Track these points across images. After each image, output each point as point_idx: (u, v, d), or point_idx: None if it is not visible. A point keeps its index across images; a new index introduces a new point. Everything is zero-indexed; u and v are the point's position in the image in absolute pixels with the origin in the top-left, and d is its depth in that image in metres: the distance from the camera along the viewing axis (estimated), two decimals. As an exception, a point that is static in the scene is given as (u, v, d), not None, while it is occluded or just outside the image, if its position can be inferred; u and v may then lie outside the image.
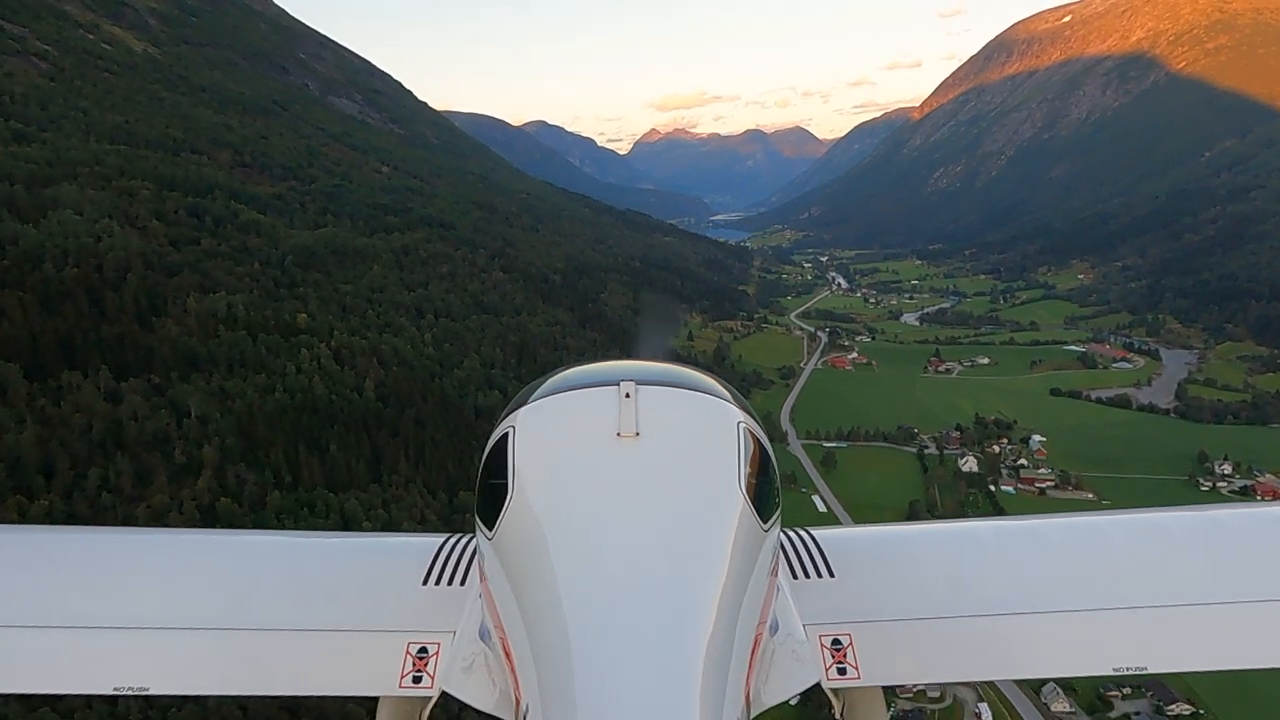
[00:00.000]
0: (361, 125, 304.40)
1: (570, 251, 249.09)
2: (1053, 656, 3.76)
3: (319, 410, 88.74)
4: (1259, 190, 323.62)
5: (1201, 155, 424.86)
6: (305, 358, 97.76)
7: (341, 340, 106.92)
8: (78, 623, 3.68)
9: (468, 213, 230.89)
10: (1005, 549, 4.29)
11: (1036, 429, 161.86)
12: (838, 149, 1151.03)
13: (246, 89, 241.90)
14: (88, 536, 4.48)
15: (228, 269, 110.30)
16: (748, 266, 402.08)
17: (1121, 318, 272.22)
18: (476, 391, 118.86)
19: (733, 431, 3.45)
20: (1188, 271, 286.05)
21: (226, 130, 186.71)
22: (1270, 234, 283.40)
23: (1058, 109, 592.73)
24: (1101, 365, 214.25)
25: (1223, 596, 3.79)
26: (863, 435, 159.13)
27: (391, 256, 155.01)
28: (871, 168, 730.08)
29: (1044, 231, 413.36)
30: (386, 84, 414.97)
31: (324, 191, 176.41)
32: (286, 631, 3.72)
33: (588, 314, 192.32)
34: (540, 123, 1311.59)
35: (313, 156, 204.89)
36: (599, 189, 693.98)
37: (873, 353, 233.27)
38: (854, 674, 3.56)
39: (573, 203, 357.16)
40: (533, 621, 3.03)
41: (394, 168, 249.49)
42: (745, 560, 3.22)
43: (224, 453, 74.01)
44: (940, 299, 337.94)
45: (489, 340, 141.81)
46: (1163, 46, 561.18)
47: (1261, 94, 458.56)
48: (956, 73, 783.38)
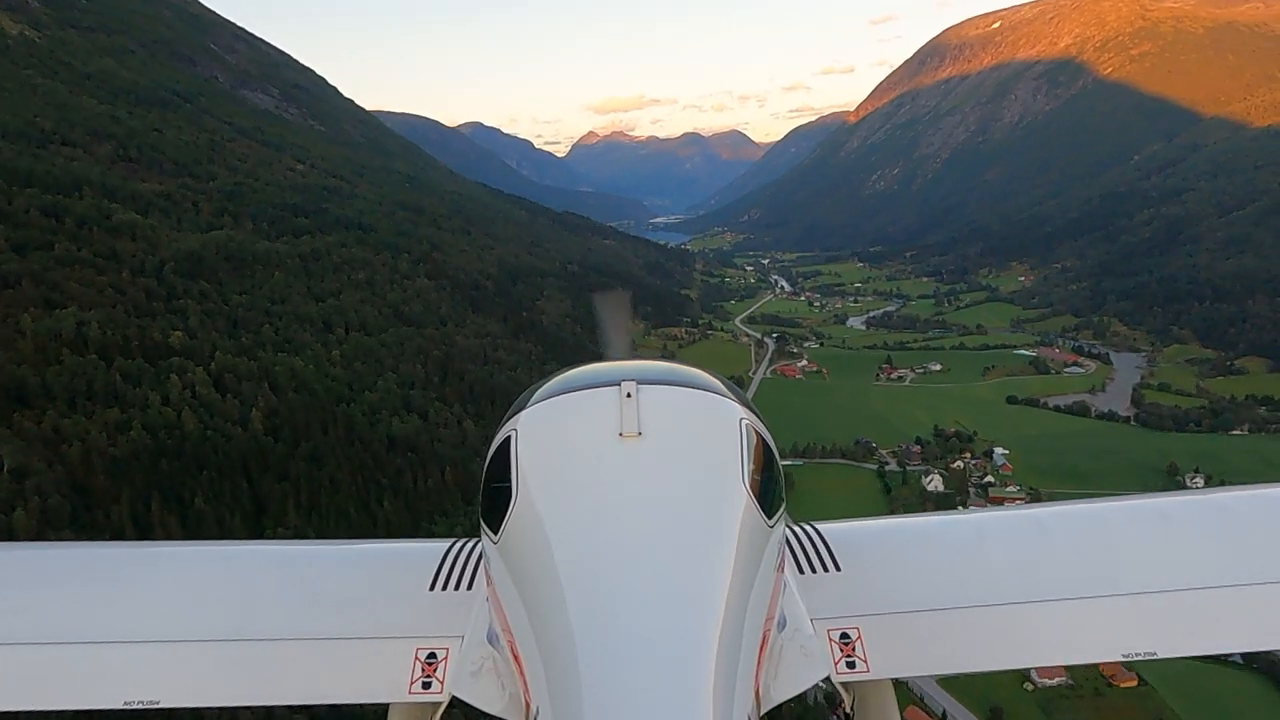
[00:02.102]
0: (277, 121, 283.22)
1: (504, 256, 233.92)
2: (1061, 644, 3.77)
3: (186, 451, 72.84)
4: (1190, 193, 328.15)
5: (1131, 158, 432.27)
6: (175, 385, 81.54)
7: (225, 362, 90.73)
8: (87, 638, 3.69)
9: (391, 214, 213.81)
10: (1010, 539, 4.33)
11: (998, 441, 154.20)
12: (775, 152, 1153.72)
13: (143, 78, 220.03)
14: (91, 551, 4.52)
15: (86, 279, 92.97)
16: (690, 270, 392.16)
17: (1066, 320, 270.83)
18: (391, 417, 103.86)
19: (735, 428, 3.46)
20: (1127, 273, 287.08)
21: (112, 121, 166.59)
22: (1204, 236, 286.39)
23: (990, 112, 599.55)
24: (1054, 370, 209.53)
25: (1229, 579, 3.79)
26: (819, 451, 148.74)
27: (298, 262, 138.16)
28: (809, 170, 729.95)
29: (982, 233, 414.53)
30: (308, 79, 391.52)
31: (223, 190, 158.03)
32: (296, 640, 3.72)
33: (521, 323, 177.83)
34: (476, 124, 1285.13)
35: (214, 152, 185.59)
36: (537, 191, 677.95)
37: (822, 360, 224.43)
38: (863, 667, 3.57)
39: (507, 204, 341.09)
40: (540, 624, 3.04)
41: (310, 165, 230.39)
42: (751, 556, 3.24)
43: (45, 517, 57.76)
44: (885, 302, 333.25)
45: (409, 356, 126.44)
46: (1090, 52, 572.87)
47: (1184, 99, 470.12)
48: (891, 76, 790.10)
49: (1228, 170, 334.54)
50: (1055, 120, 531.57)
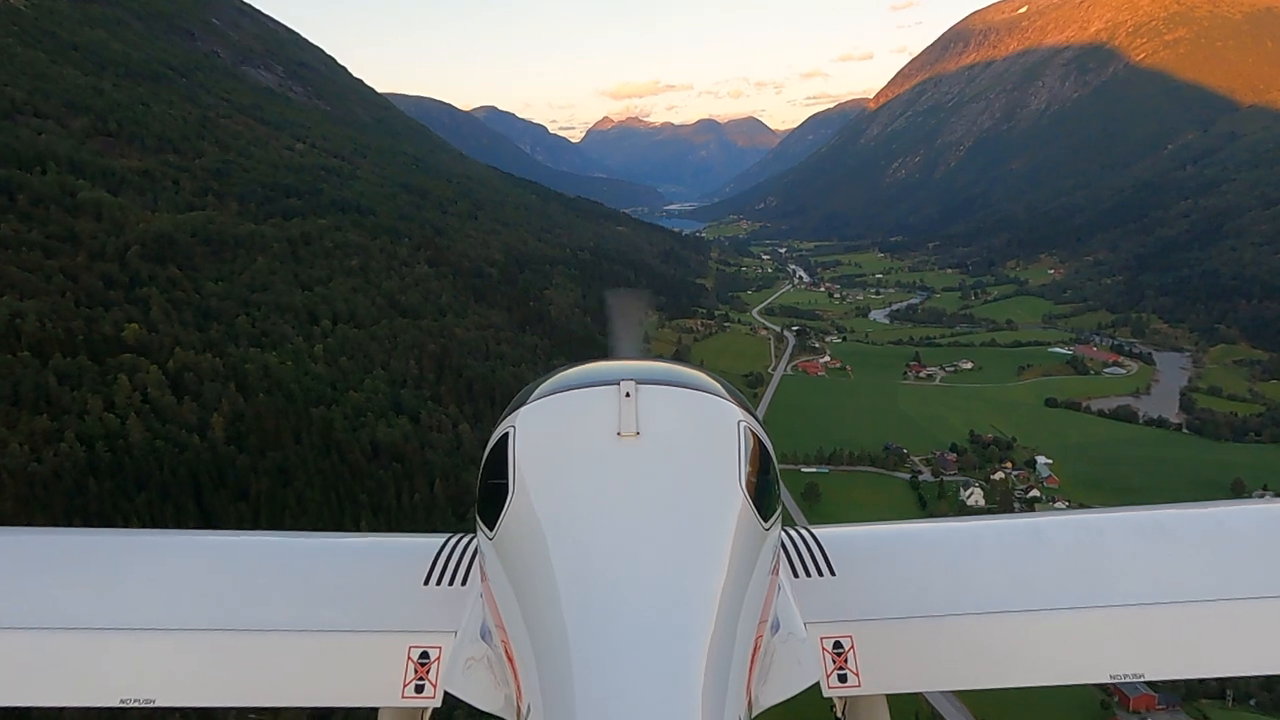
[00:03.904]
0: (279, 99, 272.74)
1: (511, 241, 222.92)
2: (1058, 660, 3.68)
3: (126, 468, 62.45)
4: (1229, 184, 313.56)
5: (1164, 148, 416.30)
6: (123, 388, 71.15)
7: (186, 359, 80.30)
8: (79, 626, 3.64)
9: (393, 197, 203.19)
10: (1008, 547, 4.27)
11: (1039, 449, 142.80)
12: (791, 139, 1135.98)
13: (136, 51, 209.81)
14: (76, 538, 4.42)
15: (31, 263, 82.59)
16: (705, 258, 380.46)
17: (1101, 316, 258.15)
18: (378, 420, 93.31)
19: (733, 430, 3.45)
20: (1165, 268, 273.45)
21: (94, 94, 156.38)
22: (1247, 229, 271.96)
23: (1016, 100, 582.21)
24: (1093, 371, 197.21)
25: (1228, 594, 3.74)
26: (846, 458, 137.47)
27: (285, 247, 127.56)
28: (828, 158, 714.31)
29: (1008, 224, 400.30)
30: (315, 58, 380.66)
31: (209, 168, 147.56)
32: (290, 634, 3.70)
33: (528, 314, 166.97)
34: (490, 108, 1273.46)
35: (205, 128, 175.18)
36: (550, 176, 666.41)
37: (845, 355, 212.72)
38: (854, 681, 3.55)
39: (518, 189, 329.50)
40: (533, 621, 3.04)
41: (310, 145, 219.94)
42: (746, 559, 3.23)
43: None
44: (908, 294, 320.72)
45: (402, 350, 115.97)
46: (1121, 38, 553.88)
47: (1220, 87, 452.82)
48: (913, 62, 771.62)
49: (1270, 161, 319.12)
50: (1084, 108, 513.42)
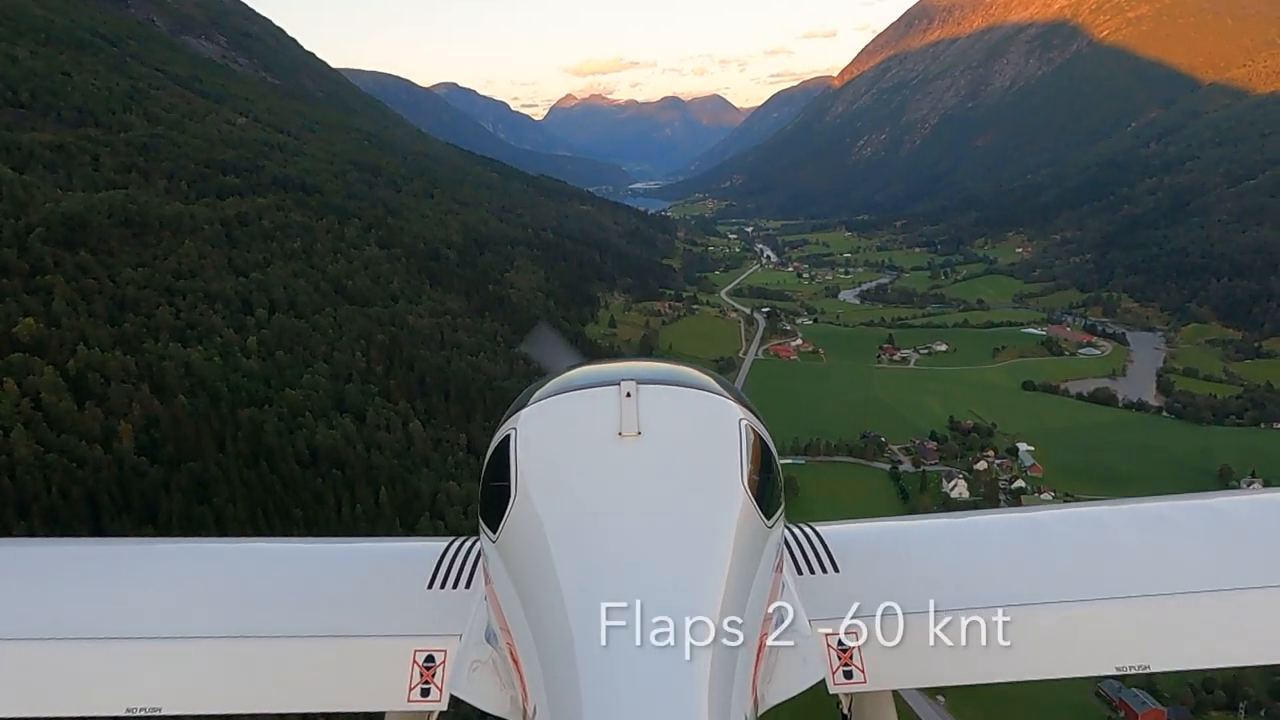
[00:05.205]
0: (221, 70, 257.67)
1: (470, 222, 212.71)
2: (1064, 652, 3.70)
3: (6, 489, 53.29)
4: (1193, 162, 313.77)
5: (1128, 125, 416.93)
6: (10, 394, 61.66)
7: (92, 358, 70.73)
8: (84, 635, 3.63)
9: (342, 174, 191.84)
10: (1011, 541, 4.30)
11: (1020, 435, 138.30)
12: (756, 117, 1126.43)
13: (59, 17, 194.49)
14: (78, 548, 4.46)
15: (-93, 249, 72.14)
16: (671, 238, 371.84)
17: (1071, 295, 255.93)
18: (317, 421, 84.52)
19: (734, 428, 3.46)
20: (1133, 246, 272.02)
21: (7, 61, 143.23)
22: (1214, 206, 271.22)
23: (981, 77, 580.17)
24: (1068, 352, 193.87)
25: (1232, 584, 3.74)
26: (823, 448, 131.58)
27: (218, 229, 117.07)
28: (793, 136, 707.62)
29: (974, 202, 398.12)
30: (262, 28, 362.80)
31: (135, 143, 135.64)
32: (295, 639, 3.70)
33: (487, 298, 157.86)
34: (452, 85, 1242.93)
35: (133, 100, 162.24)
36: (513, 155, 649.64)
37: (817, 338, 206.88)
38: (860, 677, 3.56)
39: (478, 167, 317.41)
40: (538, 623, 3.05)
41: (253, 119, 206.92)
42: (750, 557, 3.25)
43: None
44: (877, 274, 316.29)
45: (347, 341, 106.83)
46: (1085, 15, 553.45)
47: (1183, 64, 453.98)
48: (877, 39, 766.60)
49: (1233, 138, 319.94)
50: (1048, 85, 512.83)
